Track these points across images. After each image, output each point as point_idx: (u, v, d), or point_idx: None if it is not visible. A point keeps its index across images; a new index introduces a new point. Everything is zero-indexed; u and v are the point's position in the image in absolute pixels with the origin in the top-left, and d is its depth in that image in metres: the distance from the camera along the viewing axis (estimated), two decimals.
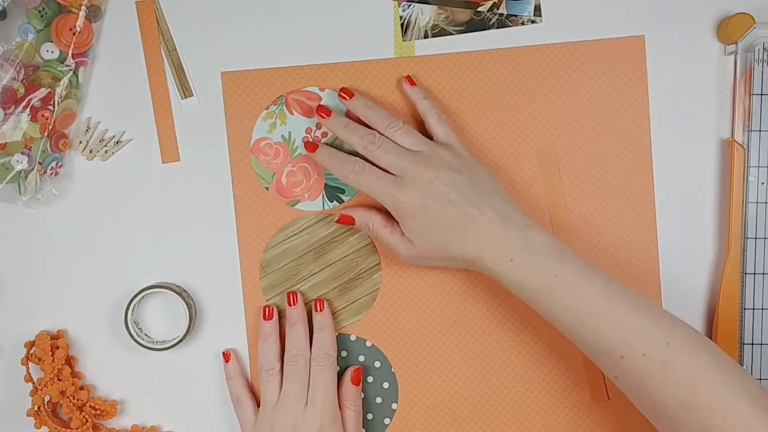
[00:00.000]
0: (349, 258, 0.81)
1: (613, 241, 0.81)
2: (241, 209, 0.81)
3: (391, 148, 0.74)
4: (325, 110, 0.77)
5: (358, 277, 0.81)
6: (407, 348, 0.82)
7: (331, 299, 0.81)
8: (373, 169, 0.74)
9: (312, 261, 0.81)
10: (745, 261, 0.78)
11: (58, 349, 0.79)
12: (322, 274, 0.81)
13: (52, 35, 0.76)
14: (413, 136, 0.75)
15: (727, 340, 0.79)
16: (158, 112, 0.81)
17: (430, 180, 0.72)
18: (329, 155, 0.76)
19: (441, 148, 0.74)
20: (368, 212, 0.77)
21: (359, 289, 0.81)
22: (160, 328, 0.82)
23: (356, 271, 0.81)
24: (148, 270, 0.82)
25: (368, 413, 0.81)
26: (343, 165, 0.75)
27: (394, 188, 0.72)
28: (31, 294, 0.81)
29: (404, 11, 0.81)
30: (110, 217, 0.81)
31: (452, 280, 0.81)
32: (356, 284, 0.81)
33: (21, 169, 0.77)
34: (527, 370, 0.82)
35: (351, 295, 0.81)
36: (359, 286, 0.81)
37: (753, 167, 0.78)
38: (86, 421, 0.79)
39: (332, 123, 0.77)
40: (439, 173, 0.72)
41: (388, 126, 0.75)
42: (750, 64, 0.79)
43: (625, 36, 0.81)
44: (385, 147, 0.74)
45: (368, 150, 0.74)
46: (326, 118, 0.77)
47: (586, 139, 0.81)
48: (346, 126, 0.76)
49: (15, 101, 0.76)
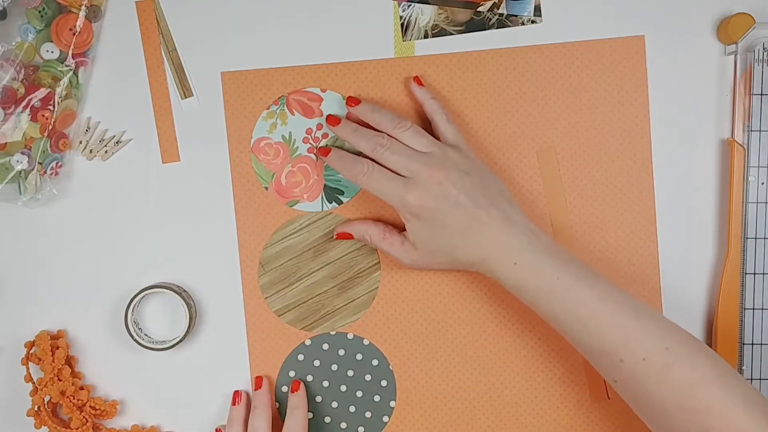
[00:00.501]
0: (348, 257, 0.81)
1: (613, 241, 0.81)
2: (241, 209, 0.81)
3: (400, 150, 0.74)
4: (334, 119, 0.77)
5: (357, 276, 0.81)
6: (406, 346, 0.82)
7: (330, 298, 0.81)
8: (383, 171, 0.73)
9: (311, 259, 0.81)
10: (745, 261, 0.78)
11: (58, 349, 0.79)
12: (321, 272, 0.81)
13: (52, 35, 0.76)
14: (422, 137, 0.75)
15: (727, 340, 0.79)
16: (158, 112, 0.81)
17: (440, 182, 0.71)
18: (339, 158, 0.76)
19: (450, 150, 0.74)
20: (364, 225, 0.77)
21: (358, 287, 0.81)
22: (160, 328, 0.82)
23: (355, 269, 0.81)
24: (148, 270, 0.82)
25: (366, 411, 0.81)
26: (353, 167, 0.74)
27: (403, 189, 0.72)
28: (31, 294, 0.81)
29: (404, 11, 0.81)
30: (110, 217, 0.81)
31: (451, 280, 0.81)
32: (355, 283, 0.81)
33: (21, 169, 0.77)
34: (526, 369, 0.81)
35: (350, 293, 0.81)
36: (358, 285, 0.81)
37: (753, 167, 0.78)
38: (86, 421, 0.79)
39: (342, 130, 0.77)
40: (450, 175, 0.72)
41: (396, 127, 0.75)
42: (750, 64, 0.79)
43: (625, 36, 0.81)
44: (393, 148, 0.74)
45: (377, 152, 0.74)
46: (336, 126, 0.77)
47: (586, 139, 0.81)
48: (355, 131, 0.76)
49: (15, 101, 0.76)
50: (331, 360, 0.82)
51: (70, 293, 0.82)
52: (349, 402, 0.82)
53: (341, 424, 0.82)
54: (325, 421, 0.82)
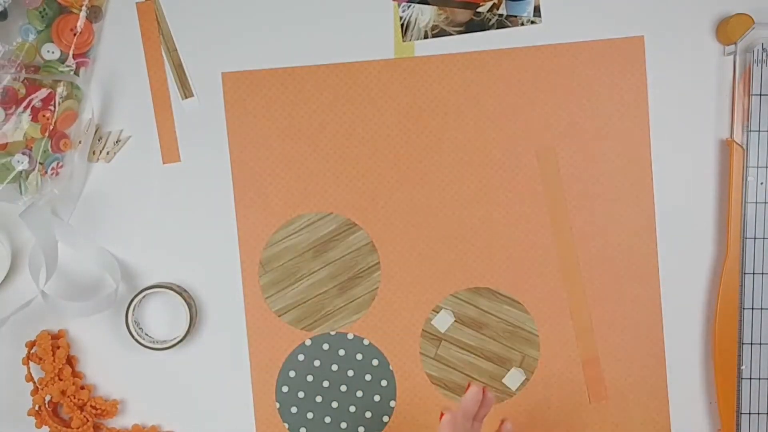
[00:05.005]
0: (348, 257, 0.81)
1: (612, 240, 0.81)
2: (242, 209, 0.81)
3: None
4: None
5: (357, 276, 0.81)
6: (406, 346, 0.82)
7: (330, 298, 0.81)
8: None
9: (312, 259, 0.81)
10: (744, 261, 0.78)
11: (58, 348, 0.80)
12: (321, 272, 0.81)
13: (53, 36, 0.76)
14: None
15: (726, 340, 0.79)
16: (159, 113, 0.81)
17: None
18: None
19: None
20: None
21: (358, 287, 0.81)
22: (160, 328, 0.82)
23: (355, 269, 0.81)
24: (149, 270, 0.82)
25: (367, 411, 0.82)
26: None
27: None
28: (31, 294, 0.81)
29: (404, 12, 0.81)
30: (110, 217, 0.81)
31: (451, 280, 0.81)
32: (355, 283, 0.81)
33: (22, 170, 0.77)
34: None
35: (350, 293, 0.81)
36: (358, 285, 0.81)
37: (752, 167, 0.78)
38: (87, 420, 0.79)
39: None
40: None
41: None
42: (749, 65, 0.79)
43: (625, 36, 0.81)
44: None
45: None
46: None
47: (586, 139, 0.81)
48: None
49: (16, 101, 0.76)
50: (332, 360, 0.82)
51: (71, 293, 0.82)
52: (349, 402, 0.82)
53: (341, 424, 0.82)
54: (325, 421, 0.82)
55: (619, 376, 0.81)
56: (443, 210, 0.81)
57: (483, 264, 0.81)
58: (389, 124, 0.81)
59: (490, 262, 0.81)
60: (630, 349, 0.81)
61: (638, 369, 0.81)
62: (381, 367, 0.82)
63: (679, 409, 0.81)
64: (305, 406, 0.82)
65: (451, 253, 0.81)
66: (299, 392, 0.82)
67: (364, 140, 0.81)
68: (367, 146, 0.81)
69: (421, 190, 0.81)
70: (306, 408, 0.82)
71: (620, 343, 0.81)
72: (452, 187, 0.81)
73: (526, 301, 0.81)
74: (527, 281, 0.81)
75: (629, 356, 0.81)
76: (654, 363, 0.81)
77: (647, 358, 0.81)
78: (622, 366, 0.81)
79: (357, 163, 0.82)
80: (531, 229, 0.81)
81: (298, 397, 0.82)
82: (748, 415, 0.79)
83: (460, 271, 0.81)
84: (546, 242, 0.81)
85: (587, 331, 0.81)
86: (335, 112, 0.81)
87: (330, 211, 0.81)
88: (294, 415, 0.82)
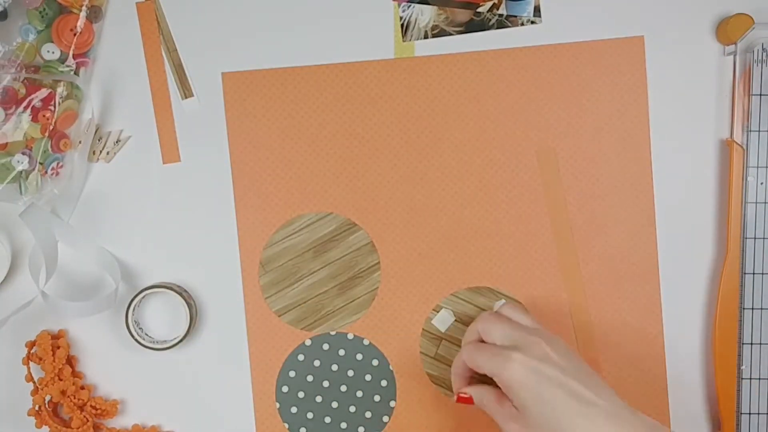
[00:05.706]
0: (348, 257, 0.81)
1: (612, 241, 0.81)
2: (242, 209, 0.81)
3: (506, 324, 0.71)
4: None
5: (357, 276, 0.81)
6: (406, 346, 0.82)
7: (330, 298, 0.81)
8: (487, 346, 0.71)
9: (312, 259, 0.81)
10: (744, 261, 0.78)
11: (58, 348, 0.80)
12: (321, 272, 0.81)
13: (53, 36, 0.76)
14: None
15: (726, 340, 0.79)
16: (159, 113, 0.81)
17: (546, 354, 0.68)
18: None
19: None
20: (481, 389, 0.72)
21: (358, 287, 0.81)
22: (160, 328, 0.82)
23: (355, 269, 0.81)
24: (149, 270, 0.82)
25: (366, 411, 0.82)
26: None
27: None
28: (31, 294, 0.81)
29: (404, 12, 0.81)
30: (110, 217, 0.82)
31: (451, 279, 0.81)
32: (355, 283, 0.81)
33: (22, 170, 0.77)
34: None
35: (350, 293, 0.81)
36: (358, 285, 0.81)
37: (752, 167, 0.78)
38: (87, 420, 0.79)
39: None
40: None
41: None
42: (749, 65, 0.79)
43: (625, 36, 0.81)
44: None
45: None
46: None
47: (586, 139, 0.81)
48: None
49: (16, 101, 0.76)
50: (332, 360, 0.82)
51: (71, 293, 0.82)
52: (349, 402, 0.82)
53: (341, 424, 0.82)
54: (325, 421, 0.82)
55: (619, 376, 0.81)
56: (443, 210, 0.81)
57: (483, 264, 0.81)
58: (389, 124, 0.81)
59: (489, 262, 0.81)
60: (630, 349, 0.81)
61: (638, 369, 0.81)
62: (381, 367, 0.82)
63: (679, 409, 0.81)
64: (305, 406, 0.82)
65: (451, 253, 0.82)
66: (299, 392, 0.82)
67: (364, 140, 0.82)
68: (367, 146, 0.82)
69: (421, 190, 0.81)
70: (306, 408, 0.82)
71: (620, 343, 0.81)
72: (452, 187, 0.81)
73: (525, 301, 0.81)
74: (527, 281, 0.81)
75: (629, 356, 0.81)
76: (654, 363, 0.81)
77: (647, 358, 0.81)
78: (622, 366, 0.81)
79: (357, 163, 0.82)
80: (531, 228, 0.81)
81: (298, 397, 0.82)
82: (748, 415, 0.79)
83: (459, 271, 0.81)
84: (546, 242, 0.81)
85: (587, 331, 0.81)
86: (335, 112, 0.81)
87: (330, 211, 0.82)
88: (294, 415, 0.82)
